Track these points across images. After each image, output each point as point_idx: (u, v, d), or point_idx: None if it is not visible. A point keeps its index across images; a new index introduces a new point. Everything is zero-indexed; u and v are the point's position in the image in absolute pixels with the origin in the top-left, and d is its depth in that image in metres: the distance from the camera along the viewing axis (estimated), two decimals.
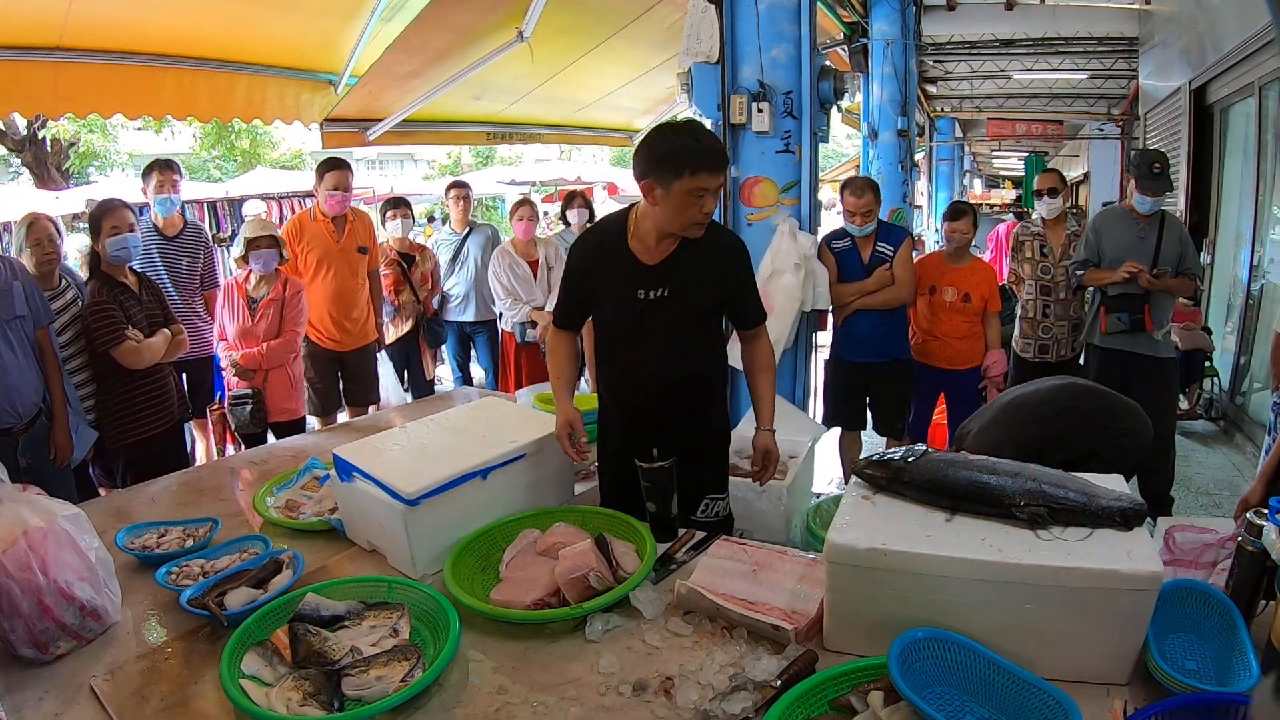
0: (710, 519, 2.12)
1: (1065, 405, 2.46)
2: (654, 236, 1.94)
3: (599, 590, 1.56)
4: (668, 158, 1.81)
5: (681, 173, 1.79)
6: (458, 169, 22.88)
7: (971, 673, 1.22)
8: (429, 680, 1.32)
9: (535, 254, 4.69)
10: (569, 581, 1.56)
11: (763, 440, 2.15)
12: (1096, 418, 2.40)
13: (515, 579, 1.66)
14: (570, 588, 1.56)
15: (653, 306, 1.97)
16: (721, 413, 2.18)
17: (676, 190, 1.81)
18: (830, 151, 19.17)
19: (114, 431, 2.97)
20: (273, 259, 3.52)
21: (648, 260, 1.96)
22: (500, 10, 4.13)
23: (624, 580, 1.59)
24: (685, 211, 1.83)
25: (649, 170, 1.84)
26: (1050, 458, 2.33)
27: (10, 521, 1.46)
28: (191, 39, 4.16)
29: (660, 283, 1.96)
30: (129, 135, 17.19)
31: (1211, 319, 5.94)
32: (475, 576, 1.71)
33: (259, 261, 3.47)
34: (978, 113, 11.70)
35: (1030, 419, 2.40)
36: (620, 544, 1.72)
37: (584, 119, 6.65)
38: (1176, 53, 6.64)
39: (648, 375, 2.01)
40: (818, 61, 3.61)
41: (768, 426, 2.15)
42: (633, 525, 1.81)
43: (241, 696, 1.27)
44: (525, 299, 4.58)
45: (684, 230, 1.89)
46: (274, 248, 3.52)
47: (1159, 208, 3.47)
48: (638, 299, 1.96)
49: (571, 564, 1.59)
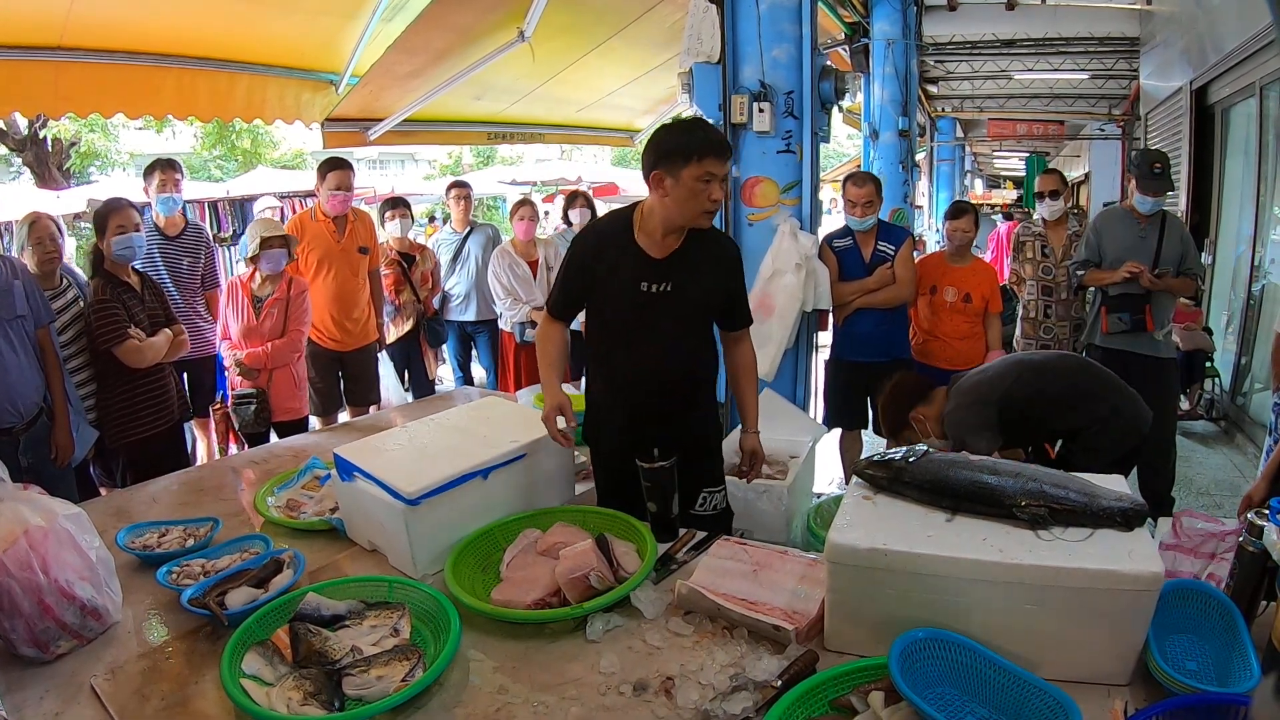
0: (709, 512, 2.15)
1: (1065, 370, 2.64)
2: (660, 231, 1.96)
3: (599, 590, 1.56)
4: (677, 147, 1.87)
5: (690, 159, 1.84)
6: (458, 169, 22.88)
7: (972, 673, 1.22)
8: (429, 680, 1.32)
9: (535, 254, 4.69)
10: (569, 581, 1.56)
11: (749, 442, 2.22)
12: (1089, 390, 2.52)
13: (516, 579, 1.66)
14: (571, 588, 1.56)
15: (655, 300, 1.98)
16: (714, 407, 2.23)
17: (686, 177, 1.85)
18: (831, 152, 19.15)
19: (114, 431, 2.97)
20: (282, 259, 3.52)
21: (654, 254, 1.98)
22: (501, 10, 4.13)
23: (625, 580, 1.59)
24: (694, 198, 1.87)
25: (658, 161, 1.89)
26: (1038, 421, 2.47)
27: (11, 521, 1.46)
28: (192, 39, 4.16)
29: (665, 277, 1.98)
30: (130, 135, 17.20)
31: (1212, 319, 5.94)
32: (476, 576, 1.71)
33: (270, 261, 3.47)
34: (979, 113, 11.71)
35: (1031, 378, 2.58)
36: (621, 544, 1.72)
37: (585, 119, 6.65)
38: (1178, 53, 6.63)
39: (649, 370, 2.03)
40: (819, 61, 3.61)
41: (754, 429, 2.22)
42: (633, 525, 1.81)
43: (242, 696, 1.27)
44: (525, 299, 4.58)
45: (694, 219, 1.93)
46: (285, 247, 3.53)
47: (1160, 208, 3.47)
48: (641, 291, 1.98)
49: (572, 564, 1.58)
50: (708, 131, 1.91)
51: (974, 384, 2.61)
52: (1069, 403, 2.53)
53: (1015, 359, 2.73)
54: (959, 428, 2.52)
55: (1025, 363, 2.72)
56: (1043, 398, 2.53)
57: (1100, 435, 2.46)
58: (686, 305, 2.02)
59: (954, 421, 2.55)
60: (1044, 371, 2.64)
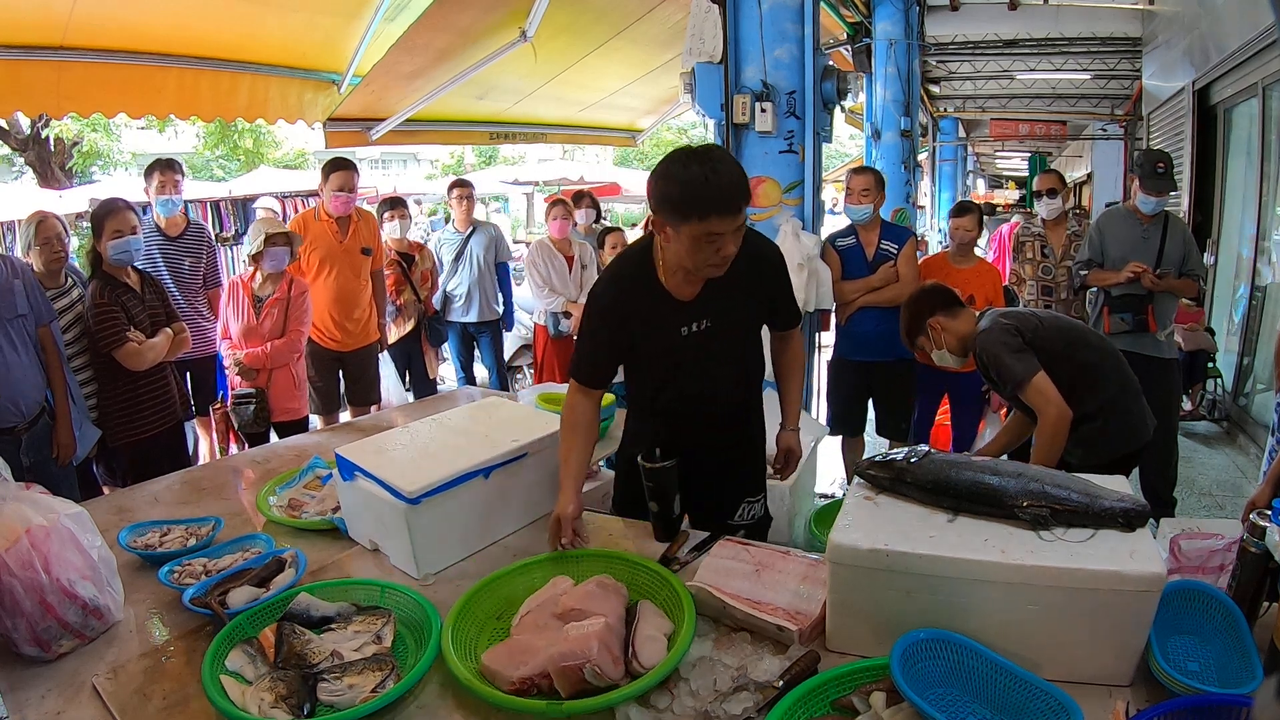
0: (747, 522, 2.07)
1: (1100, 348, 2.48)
2: (680, 273, 1.78)
3: (594, 687, 1.28)
4: (676, 196, 1.60)
5: (690, 216, 1.59)
6: (460, 169, 22.91)
7: (974, 674, 1.22)
8: (397, 694, 1.28)
9: (571, 251, 4.72)
10: (560, 670, 1.28)
11: (786, 440, 2.12)
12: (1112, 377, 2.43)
13: (517, 643, 1.39)
14: (561, 676, 1.28)
15: (696, 339, 1.84)
16: (760, 415, 2.10)
17: (686, 233, 1.61)
18: (833, 152, 19.15)
19: (116, 430, 2.97)
20: (285, 257, 3.51)
21: (683, 296, 1.81)
22: (503, 10, 4.13)
23: (637, 675, 1.29)
24: (698, 254, 1.64)
25: (659, 206, 1.65)
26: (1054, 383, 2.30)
27: (13, 520, 1.46)
28: (194, 38, 4.17)
29: (701, 315, 1.83)
30: (132, 134, 17.21)
31: (1214, 320, 5.93)
32: (488, 621, 1.52)
33: (273, 259, 3.46)
34: (981, 113, 11.70)
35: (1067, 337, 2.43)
36: (655, 620, 1.43)
37: (587, 119, 6.66)
38: (1180, 53, 6.63)
39: (697, 405, 1.91)
40: (821, 61, 3.61)
41: (793, 426, 2.12)
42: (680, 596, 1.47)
43: (216, 690, 1.27)
44: (560, 291, 4.61)
45: (700, 273, 1.72)
46: (288, 245, 3.52)
47: (1162, 208, 3.47)
48: (680, 336, 1.83)
49: (570, 648, 1.29)
50: (716, 175, 1.57)
51: (1014, 314, 2.45)
52: (1089, 380, 2.39)
53: (1053, 316, 2.55)
54: (997, 346, 2.33)
55: (1064, 322, 2.56)
56: (1070, 363, 2.37)
57: (1100, 431, 2.40)
58: (731, 334, 1.88)
59: (990, 341, 2.36)
60: (1080, 338, 2.48)
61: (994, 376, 2.39)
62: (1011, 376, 2.29)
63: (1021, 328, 2.36)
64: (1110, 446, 2.40)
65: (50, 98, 3.86)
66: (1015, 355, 2.30)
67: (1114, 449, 2.40)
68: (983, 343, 2.39)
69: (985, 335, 2.39)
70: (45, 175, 11.51)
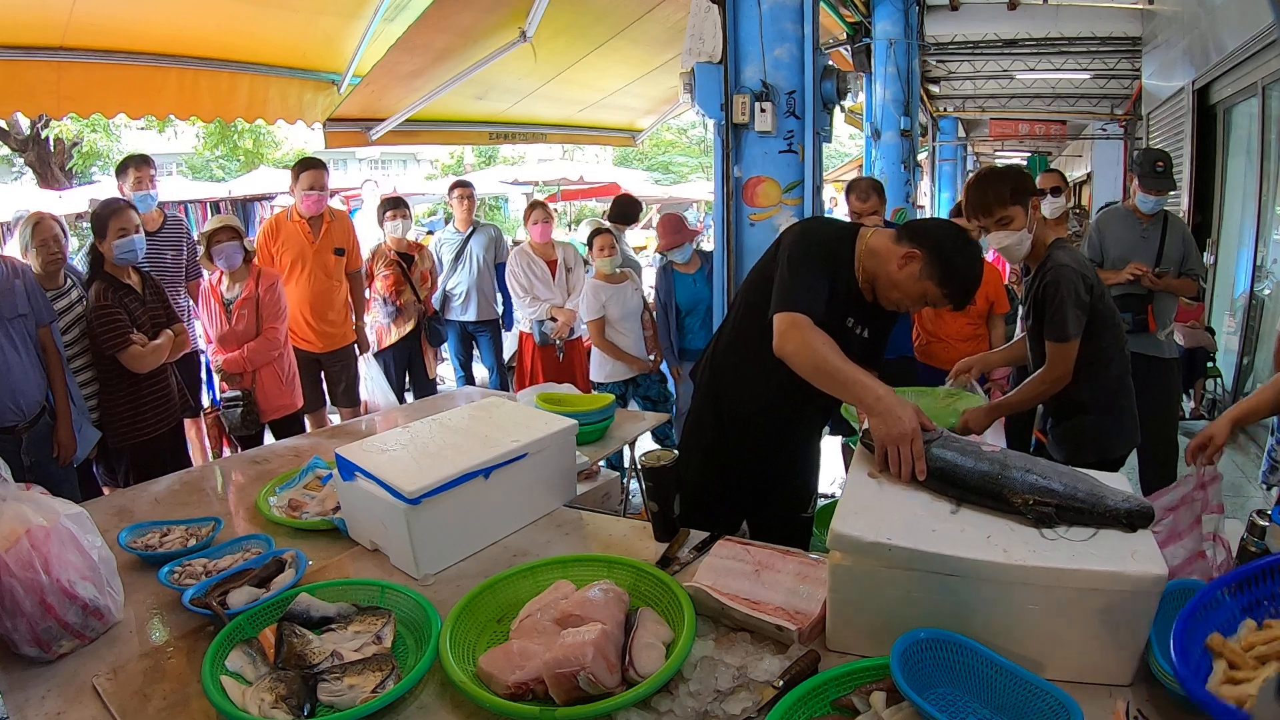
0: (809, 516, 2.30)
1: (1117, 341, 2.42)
2: (877, 284, 1.86)
3: (588, 695, 1.26)
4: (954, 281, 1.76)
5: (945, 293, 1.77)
6: (460, 169, 22.90)
7: (974, 673, 1.22)
8: (397, 695, 1.28)
9: (553, 254, 4.65)
10: (554, 676, 1.27)
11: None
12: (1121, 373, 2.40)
13: (513, 649, 1.36)
14: (555, 683, 1.27)
15: (850, 340, 1.85)
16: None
17: (930, 295, 1.78)
18: (833, 151, 19.15)
19: (119, 432, 2.97)
20: (236, 252, 3.43)
21: (866, 294, 1.88)
22: (503, 10, 4.13)
23: (633, 684, 1.28)
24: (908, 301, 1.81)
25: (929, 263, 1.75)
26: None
27: (13, 520, 1.46)
28: (194, 39, 4.18)
29: (867, 321, 1.90)
30: (132, 135, 17.19)
31: (1214, 319, 5.93)
32: (489, 625, 1.51)
33: (222, 257, 3.41)
34: (981, 113, 11.70)
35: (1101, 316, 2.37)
36: (654, 628, 1.41)
37: (587, 119, 6.67)
38: (1180, 53, 6.63)
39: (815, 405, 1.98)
40: (820, 61, 3.61)
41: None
42: (682, 603, 1.45)
43: (216, 690, 1.27)
44: (544, 298, 4.55)
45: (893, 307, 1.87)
46: (236, 238, 3.44)
47: (1162, 207, 3.47)
48: (844, 325, 1.86)
49: (564, 654, 1.28)
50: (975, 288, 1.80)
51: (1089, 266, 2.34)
52: (1098, 365, 2.34)
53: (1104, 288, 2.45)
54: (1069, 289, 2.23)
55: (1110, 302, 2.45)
56: (1092, 342, 2.31)
57: (1090, 426, 2.37)
58: (872, 354, 1.94)
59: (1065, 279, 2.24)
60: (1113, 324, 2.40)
61: (1042, 306, 2.31)
62: (1060, 325, 2.23)
63: (1092, 286, 2.29)
64: (1096, 447, 2.37)
65: (50, 98, 3.86)
66: (1076, 309, 2.24)
67: (1100, 450, 2.37)
68: (1058, 275, 2.26)
69: (1062, 271, 2.26)
70: (45, 176, 11.52)
